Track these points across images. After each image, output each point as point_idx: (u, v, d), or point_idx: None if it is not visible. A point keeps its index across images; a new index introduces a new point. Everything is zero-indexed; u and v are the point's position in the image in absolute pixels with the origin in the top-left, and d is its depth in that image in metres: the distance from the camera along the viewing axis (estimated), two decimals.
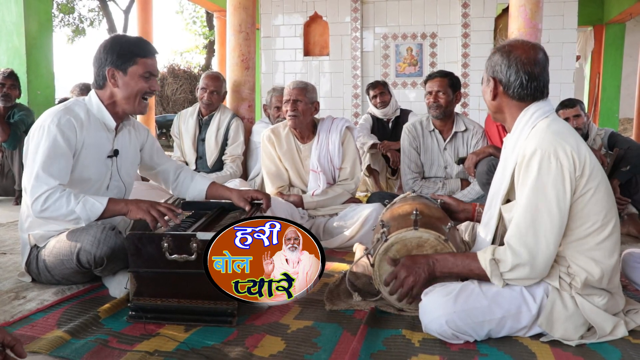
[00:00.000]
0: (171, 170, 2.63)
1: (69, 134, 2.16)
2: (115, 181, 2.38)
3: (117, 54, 2.23)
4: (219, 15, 10.21)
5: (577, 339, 1.73)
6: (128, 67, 2.23)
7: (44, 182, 2.07)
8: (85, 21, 18.36)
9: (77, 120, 2.20)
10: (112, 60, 2.23)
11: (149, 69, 2.27)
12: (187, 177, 2.62)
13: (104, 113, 2.29)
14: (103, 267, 2.11)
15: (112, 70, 2.24)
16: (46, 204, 2.07)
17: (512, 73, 1.83)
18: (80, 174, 2.23)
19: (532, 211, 1.70)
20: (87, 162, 2.24)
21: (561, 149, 1.69)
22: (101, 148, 2.30)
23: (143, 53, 2.26)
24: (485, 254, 1.78)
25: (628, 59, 10.44)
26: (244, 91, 4.69)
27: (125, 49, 2.24)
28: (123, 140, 2.41)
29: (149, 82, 2.28)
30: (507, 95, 1.87)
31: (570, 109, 3.76)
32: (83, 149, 2.22)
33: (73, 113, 2.21)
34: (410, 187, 3.65)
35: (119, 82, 2.25)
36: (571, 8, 6.32)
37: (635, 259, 2.13)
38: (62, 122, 2.15)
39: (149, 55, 2.28)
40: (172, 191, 2.66)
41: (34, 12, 5.08)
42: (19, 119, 4.49)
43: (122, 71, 2.24)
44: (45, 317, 1.96)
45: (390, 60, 6.81)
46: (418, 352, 1.70)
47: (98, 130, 2.28)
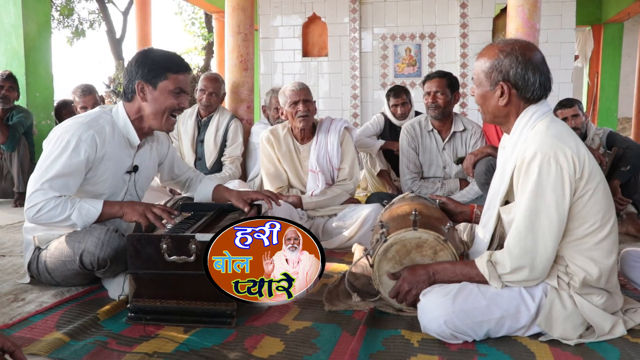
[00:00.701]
0: (191, 178, 2.68)
1: (88, 150, 2.11)
2: (129, 196, 2.36)
3: (149, 68, 2.18)
4: (217, 17, 10.22)
5: (575, 339, 1.73)
6: (158, 82, 2.18)
7: (43, 194, 2.06)
8: (84, 23, 18.34)
9: (101, 135, 2.16)
10: (142, 73, 2.18)
11: (180, 84, 2.21)
12: (197, 180, 2.67)
13: (129, 129, 2.25)
14: (106, 268, 2.10)
15: (142, 83, 2.19)
16: (39, 213, 2.06)
17: (530, 75, 1.79)
18: (93, 186, 2.21)
19: (531, 215, 1.70)
20: (105, 176, 2.22)
21: (561, 152, 1.69)
22: (121, 163, 2.27)
23: (175, 68, 2.20)
24: (483, 258, 1.79)
25: (626, 58, 10.44)
26: (242, 92, 4.69)
27: (157, 63, 2.19)
28: (144, 156, 2.38)
29: (179, 99, 2.23)
30: (521, 98, 1.82)
31: (569, 108, 3.76)
32: (102, 163, 2.18)
33: (98, 127, 2.16)
34: (409, 187, 3.65)
35: (148, 96, 2.20)
36: (569, 8, 6.32)
37: (633, 258, 2.13)
38: (83, 139, 2.10)
39: (181, 71, 2.22)
40: (184, 193, 2.71)
41: (32, 14, 5.07)
42: (17, 121, 4.48)
43: (152, 85, 2.19)
44: (44, 319, 1.95)
45: (389, 60, 6.81)
46: (417, 352, 1.70)
47: (120, 146, 2.25)
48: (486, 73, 1.85)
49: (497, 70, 1.82)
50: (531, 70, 1.79)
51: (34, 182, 2.10)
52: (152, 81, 2.19)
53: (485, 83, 1.86)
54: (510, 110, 1.85)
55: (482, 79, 1.87)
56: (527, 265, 1.71)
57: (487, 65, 1.84)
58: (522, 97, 1.82)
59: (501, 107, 1.85)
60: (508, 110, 1.85)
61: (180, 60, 2.25)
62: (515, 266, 1.72)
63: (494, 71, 1.82)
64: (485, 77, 1.86)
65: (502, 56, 1.81)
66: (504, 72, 1.80)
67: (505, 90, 1.82)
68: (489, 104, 1.88)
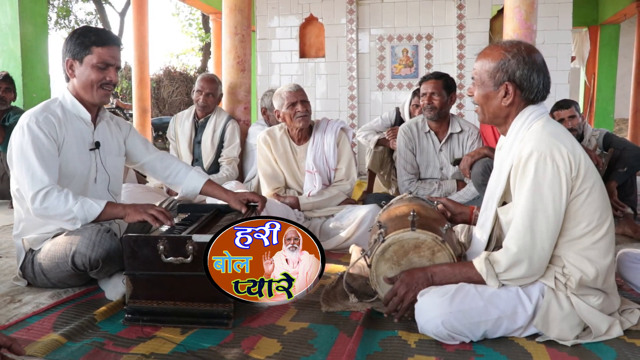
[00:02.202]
0: (156, 160, 2.60)
1: (50, 130, 2.17)
2: (101, 174, 2.38)
3: (74, 44, 2.22)
4: (214, 18, 10.22)
5: (572, 339, 1.74)
6: (84, 57, 2.22)
7: (40, 180, 2.09)
8: (81, 24, 18.31)
9: (55, 117, 2.21)
10: (70, 50, 2.23)
11: (104, 58, 2.23)
12: (182, 170, 2.59)
13: (78, 106, 2.29)
14: (98, 269, 2.10)
15: (70, 60, 2.24)
16: (45, 201, 2.08)
17: (535, 76, 1.80)
18: (65, 169, 2.23)
19: (529, 213, 1.71)
20: (70, 156, 2.25)
21: (557, 150, 1.70)
22: (82, 141, 2.30)
23: (99, 42, 2.22)
24: (480, 258, 1.80)
25: (623, 59, 10.48)
26: (239, 93, 4.69)
27: (82, 38, 2.22)
28: (103, 132, 2.41)
29: (105, 73, 2.25)
30: (523, 99, 1.83)
31: (565, 109, 3.77)
32: (64, 144, 2.23)
33: (49, 110, 2.22)
34: (406, 188, 3.66)
35: (76, 72, 2.25)
36: (566, 9, 6.34)
37: (630, 259, 2.14)
38: (41, 120, 2.16)
39: (106, 45, 2.24)
40: (164, 182, 2.63)
41: (29, 15, 5.06)
42: (14, 122, 4.47)
43: (79, 61, 2.23)
44: (41, 321, 1.95)
45: (386, 61, 6.82)
46: (414, 353, 1.70)
47: (76, 124, 2.29)
48: (490, 73, 1.85)
49: (503, 70, 1.82)
50: (536, 71, 1.81)
51: (22, 174, 2.12)
52: (79, 56, 2.23)
53: (488, 83, 1.86)
54: (511, 110, 1.86)
55: (485, 79, 1.87)
56: (525, 263, 1.72)
57: (491, 65, 1.85)
58: (525, 98, 1.83)
59: (504, 108, 1.86)
60: (509, 111, 1.86)
61: (105, 34, 2.27)
62: (513, 263, 1.73)
63: (499, 71, 1.83)
64: (488, 77, 1.86)
65: (508, 57, 1.81)
66: (510, 73, 1.81)
67: (510, 91, 1.82)
68: (491, 104, 1.88)
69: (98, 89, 2.26)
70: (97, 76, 2.24)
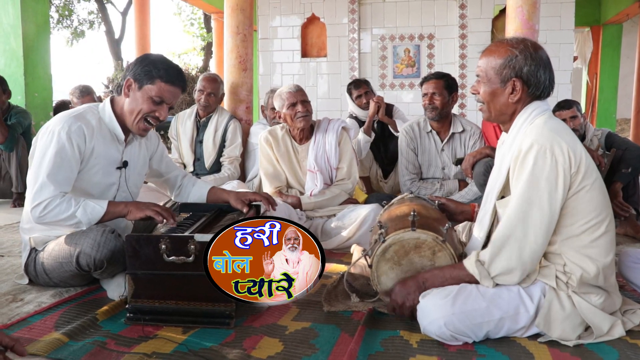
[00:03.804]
0: (178, 177, 2.63)
1: (78, 141, 2.13)
2: (122, 192, 2.36)
3: (142, 68, 2.18)
4: (216, 17, 10.22)
5: (574, 339, 1.73)
6: (145, 84, 2.18)
7: (46, 190, 2.06)
8: (83, 23, 18.32)
9: (88, 127, 2.17)
10: (135, 71, 2.19)
11: (162, 94, 2.19)
12: (189, 183, 2.63)
13: (114, 124, 2.25)
14: (103, 269, 2.11)
15: (131, 80, 2.20)
16: (45, 210, 2.06)
17: (542, 73, 1.81)
18: (87, 183, 2.21)
19: (523, 204, 1.71)
20: (95, 170, 2.22)
21: (557, 145, 1.70)
22: (110, 159, 2.27)
23: (166, 77, 2.18)
24: (470, 259, 1.80)
25: (625, 59, 10.46)
26: (241, 93, 4.69)
27: (152, 66, 2.18)
28: (133, 152, 2.38)
29: (157, 107, 2.20)
30: (529, 95, 1.84)
31: (567, 110, 3.76)
32: (92, 157, 2.19)
33: (84, 120, 2.18)
34: (408, 188, 3.66)
35: (131, 94, 2.20)
36: (568, 9, 6.33)
37: (632, 258, 2.13)
38: (72, 130, 2.12)
39: (170, 82, 2.19)
40: (174, 197, 2.65)
41: (31, 14, 5.07)
42: (16, 121, 4.47)
43: (139, 85, 2.19)
44: (43, 320, 1.95)
45: (388, 61, 6.81)
46: (416, 353, 1.70)
47: (108, 140, 2.25)
48: (497, 70, 1.85)
49: (510, 67, 1.82)
50: (542, 67, 1.81)
51: (33, 179, 2.10)
52: (140, 81, 2.19)
53: (494, 80, 1.86)
54: (517, 107, 1.86)
55: (491, 75, 1.87)
56: (514, 253, 1.72)
57: (498, 62, 1.84)
58: (532, 94, 1.84)
59: (510, 104, 1.86)
60: (515, 108, 1.86)
61: (175, 73, 2.22)
62: (498, 249, 1.73)
63: (506, 68, 1.83)
64: (495, 74, 1.85)
65: (516, 52, 1.81)
66: (517, 69, 1.81)
67: (517, 87, 1.82)
68: (498, 101, 1.88)
69: (141, 120, 2.22)
70: (149, 108, 2.19)
